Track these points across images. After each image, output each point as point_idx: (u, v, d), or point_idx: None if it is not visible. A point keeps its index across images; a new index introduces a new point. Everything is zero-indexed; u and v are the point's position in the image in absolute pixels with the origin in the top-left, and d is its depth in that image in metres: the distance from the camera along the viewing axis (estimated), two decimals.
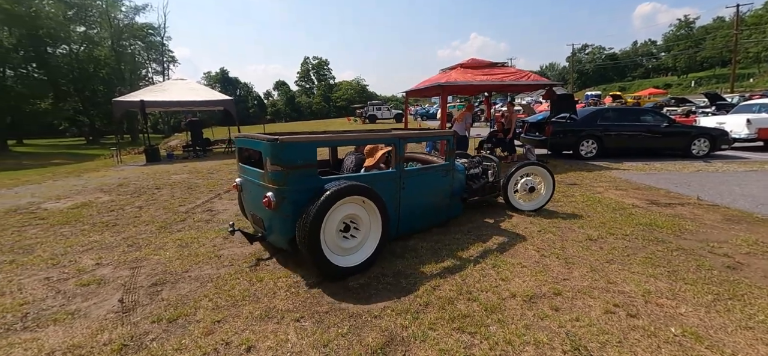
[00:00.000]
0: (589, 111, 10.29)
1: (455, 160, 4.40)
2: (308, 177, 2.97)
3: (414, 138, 4.16)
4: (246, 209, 3.85)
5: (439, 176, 4.06)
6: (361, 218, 3.14)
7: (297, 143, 2.91)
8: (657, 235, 3.99)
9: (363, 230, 3.17)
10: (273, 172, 2.93)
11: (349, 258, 3.08)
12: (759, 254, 3.42)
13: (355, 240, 3.14)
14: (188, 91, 12.86)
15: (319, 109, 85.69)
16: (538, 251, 3.56)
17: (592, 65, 79.14)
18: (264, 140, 2.99)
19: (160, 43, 53.21)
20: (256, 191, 3.26)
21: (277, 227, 3.11)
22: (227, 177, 8.23)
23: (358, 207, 3.10)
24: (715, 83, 48.61)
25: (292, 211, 2.90)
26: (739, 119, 10.39)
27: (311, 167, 2.99)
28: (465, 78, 8.40)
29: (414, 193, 3.72)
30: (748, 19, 51.72)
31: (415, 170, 3.90)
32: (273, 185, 2.94)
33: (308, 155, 2.98)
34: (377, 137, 4.07)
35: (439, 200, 4.14)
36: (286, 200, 2.91)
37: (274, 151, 2.87)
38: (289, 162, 2.87)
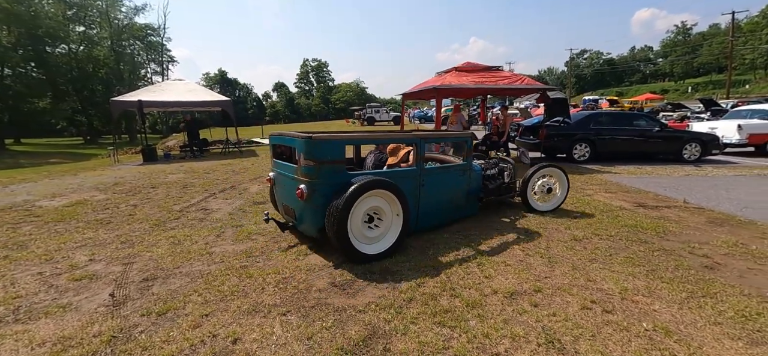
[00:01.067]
0: (582, 115, 10.41)
1: (472, 160, 4.60)
2: (337, 172, 3.26)
3: (433, 139, 4.48)
4: (277, 201, 4.14)
5: (456, 176, 4.30)
6: (384, 211, 3.42)
7: (328, 141, 3.22)
8: (641, 236, 4.08)
9: (386, 221, 3.45)
10: (306, 166, 3.22)
11: (373, 246, 3.36)
12: (737, 255, 3.51)
13: (379, 230, 3.43)
14: (186, 91, 12.94)
15: (318, 110, 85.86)
16: (523, 250, 3.64)
17: (590, 70, 79.61)
18: (298, 137, 3.29)
19: (160, 44, 53.36)
20: (288, 183, 3.56)
21: (308, 217, 3.40)
22: (223, 177, 8.30)
23: (381, 200, 3.37)
24: (711, 89, 48.99)
25: (322, 202, 3.19)
26: (730, 124, 10.52)
27: (340, 163, 3.30)
28: (460, 81, 8.50)
29: (433, 190, 3.96)
30: (744, 26, 52.20)
31: (434, 168, 4.15)
32: (305, 179, 3.23)
33: (338, 152, 3.28)
34: (400, 138, 4.30)
35: (456, 198, 4.36)
36: (317, 192, 3.21)
37: (308, 147, 3.17)
38: (320, 158, 3.17)
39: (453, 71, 9.15)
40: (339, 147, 3.31)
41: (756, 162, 9.22)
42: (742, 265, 3.29)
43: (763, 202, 5.38)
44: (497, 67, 9.42)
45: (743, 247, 3.69)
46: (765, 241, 3.87)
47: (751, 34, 51.42)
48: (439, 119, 8.59)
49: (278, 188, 3.97)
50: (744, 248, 3.65)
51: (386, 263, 3.32)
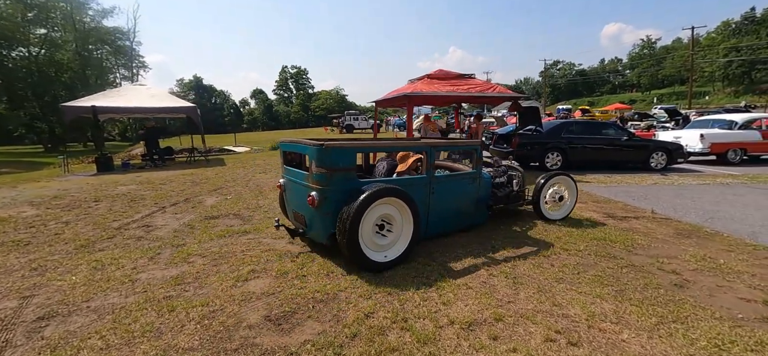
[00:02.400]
0: (554, 124, 10.45)
1: (482, 169, 4.59)
2: (348, 179, 3.29)
3: (443, 147, 4.57)
4: (287, 208, 4.16)
5: (466, 184, 4.31)
6: (394, 219, 3.41)
7: (340, 149, 3.28)
8: (610, 250, 3.90)
9: (396, 229, 3.44)
10: (317, 173, 3.23)
11: (384, 254, 3.35)
12: (706, 270, 3.37)
13: (389, 238, 3.41)
14: (147, 97, 12.19)
15: (297, 118, 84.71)
16: (487, 269, 3.36)
17: (563, 80, 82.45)
18: (310, 145, 3.32)
19: (130, 48, 51.32)
20: (299, 190, 3.59)
21: (319, 224, 3.40)
22: (179, 189, 7.71)
23: (392, 208, 3.37)
24: (675, 99, 51.54)
25: (333, 209, 3.21)
26: (693, 133, 10.83)
27: (351, 170, 3.35)
28: (431, 89, 8.31)
29: (442, 198, 3.97)
30: (703, 41, 55.49)
31: (443, 176, 4.18)
32: (317, 186, 3.23)
33: (349, 159, 3.35)
34: (410, 146, 4.32)
35: (465, 206, 4.36)
36: (328, 199, 3.21)
37: (320, 155, 3.19)
38: (332, 165, 3.19)
39: (425, 78, 8.95)
40: (350, 154, 3.39)
41: (718, 170, 9.47)
42: (712, 282, 3.13)
43: (726, 212, 5.38)
44: (470, 75, 9.31)
45: (711, 261, 3.56)
46: (732, 254, 3.77)
47: (709, 49, 54.71)
48: (410, 128, 8.35)
49: (288, 194, 4.00)
50: (712, 263, 3.52)
51: (339, 283, 2.97)
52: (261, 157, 14.98)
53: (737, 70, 50.98)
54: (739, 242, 4.12)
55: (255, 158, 14.33)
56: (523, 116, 9.80)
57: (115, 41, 44.77)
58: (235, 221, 5.18)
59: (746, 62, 49.32)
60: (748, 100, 40.24)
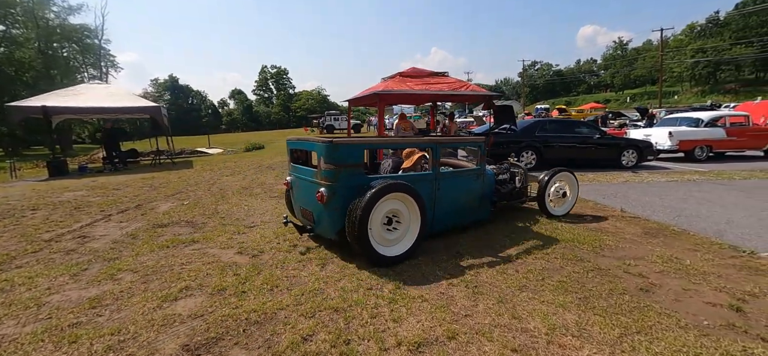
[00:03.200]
0: (528, 123, 10.43)
1: (485, 165, 4.64)
2: (357, 175, 3.34)
3: (448, 144, 4.64)
4: (295, 205, 4.17)
5: (470, 180, 4.37)
6: (402, 214, 3.46)
7: (349, 145, 3.35)
8: (577, 252, 3.74)
9: (404, 224, 3.49)
10: (326, 170, 3.27)
11: (392, 249, 3.39)
12: (672, 272, 3.24)
13: (397, 233, 3.46)
14: (106, 96, 11.44)
15: (278, 118, 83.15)
16: (447, 278, 3.12)
17: (542, 81, 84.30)
18: (319, 142, 3.38)
19: (98, 47, 49.07)
20: (307, 187, 3.64)
21: (327, 220, 3.43)
22: (134, 194, 7.18)
23: (400, 203, 3.41)
24: (646, 99, 53.44)
25: (341, 205, 3.24)
26: (662, 131, 11.04)
27: (359, 167, 3.42)
28: (403, 87, 8.08)
29: (448, 194, 4.01)
30: (671, 43, 57.79)
31: (448, 172, 4.22)
32: (326, 182, 3.28)
33: (357, 156, 3.42)
34: (415, 142, 4.32)
35: (469, 202, 4.40)
36: (336, 195, 3.25)
37: (328, 151, 3.23)
38: (340, 161, 3.23)
39: (397, 77, 8.72)
40: (358, 151, 3.48)
41: (686, 167, 9.64)
42: (678, 285, 2.99)
43: (693, 209, 5.36)
44: (443, 73, 9.14)
45: (677, 263, 3.45)
46: (697, 253, 3.67)
47: (677, 51, 57.03)
48: (381, 126, 8.09)
49: (295, 191, 4.06)
50: (678, 264, 3.40)
51: (281, 300, 2.66)
52: (233, 159, 14.40)
53: (703, 71, 53.30)
54: (704, 240, 4.04)
55: (226, 161, 13.75)
56: (498, 115, 9.75)
57: (82, 39, 42.64)
58: (185, 229, 4.76)
59: (711, 63, 51.66)
60: (713, 99, 42.08)
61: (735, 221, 4.72)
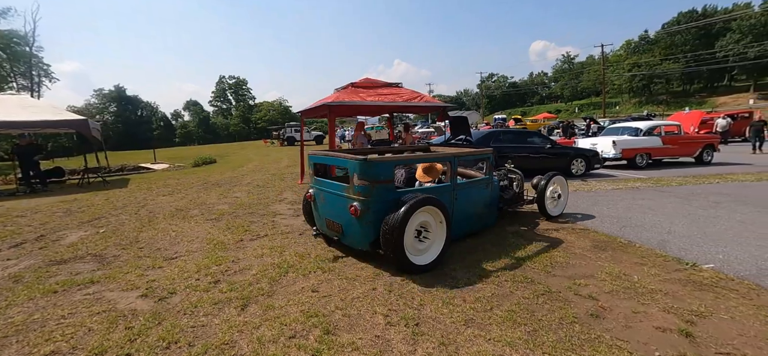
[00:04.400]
0: (483, 133, 10.49)
1: (493, 174, 4.97)
2: (388, 190, 3.57)
3: (464, 156, 4.83)
4: (320, 216, 4.23)
5: (482, 189, 4.66)
6: (431, 225, 3.67)
7: (381, 162, 3.59)
8: (528, 273, 3.53)
9: (432, 235, 3.68)
10: (360, 185, 3.44)
11: (422, 258, 3.58)
12: (621, 292, 3.10)
13: (427, 243, 3.67)
14: (18, 108, 10.00)
15: (237, 130, 79.81)
16: (386, 315, 2.75)
17: (499, 92, 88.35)
18: (352, 159, 3.56)
19: (29, 54, 44.58)
20: (336, 200, 3.81)
21: (359, 232, 3.59)
22: (43, 220, 6.15)
23: (429, 215, 3.62)
24: (592, 109, 57.60)
25: (374, 218, 3.45)
26: (607, 140, 11.59)
27: (390, 182, 3.65)
28: (355, 98, 7.74)
29: (464, 203, 4.25)
30: (611, 58, 63.03)
31: (464, 183, 4.47)
32: (359, 197, 3.46)
33: (388, 172, 3.65)
34: (436, 157, 4.65)
35: (481, 210, 4.70)
36: (370, 209, 3.44)
37: (363, 168, 3.41)
38: (374, 177, 3.44)
39: (349, 87, 8.38)
40: (389, 168, 3.70)
41: (629, 174, 10.12)
42: (627, 307, 2.83)
43: (637, 218, 5.45)
44: (397, 84, 8.93)
45: (626, 279, 3.33)
46: (644, 268, 3.60)
47: (617, 65, 62.30)
48: (332, 139, 7.68)
49: (320, 204, 4.18)
50: (627, 282, 3.29)
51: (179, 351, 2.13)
52: (176, 175, 13.24)
53: (639, 84, 58.54)
54: (650, 253, 4.02)
55: (169, 177, 12.60)
56: (453, 126, 9.71)
57: (10, 46, 38.50)
58: (88, 265, 4.02)
59: (646, 77, 56.86)
60: (649, 109, 46.15)
61: (675, 230, 4.81)
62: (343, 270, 3.63)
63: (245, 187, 9.64)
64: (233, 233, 5.11)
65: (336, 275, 3.50)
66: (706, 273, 3.45)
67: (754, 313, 2.72)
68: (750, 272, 3.42)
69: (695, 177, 9.00)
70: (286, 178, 11.11)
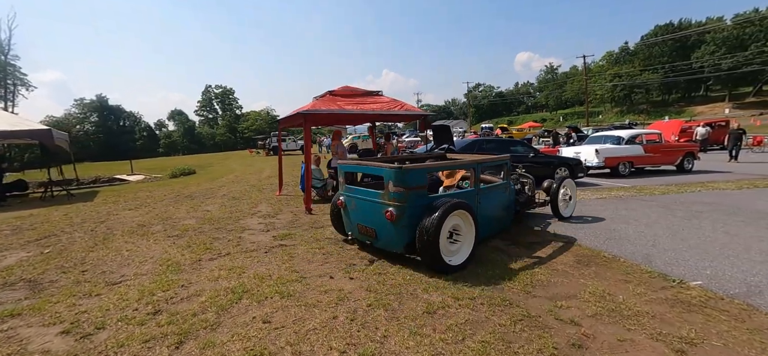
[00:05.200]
0: (466, 142, 10.32)
1: (510, 179, 5.24)
2: (421, 196, 3.78)
3: (487, 163, 5.02)
4: (351, 222, 4.41)
5: (501, 193, 4.92)
6: (461, 228, 3.87)
7: (416, 170, 3.87)
8: (507, 294, 3.24)
9: (463, 237, 3.88)
10: (395, 192, 3.66)
11: (454, 258, 3.76)
12: (605, 315, 2.83)
13: (458, 245, 3.86)
14: None
15: (223, 140, 78.46)
16: (342, 351, 2.40)
17: (486, 101, 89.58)
18: (387, 167, 3.77)
19: (4, 63, 43.26)
20: (369, 206, 4.00)
21: (394, 236, 3.80)
22: None
23: (460, 219, 3.83)
24: (576, 119, 58.75)
25: (408, 222, 3.67)
26: (590, 149, 11.56)
27: (424, 188, 3.88)
28: (331, 106, 7.44)
29: (486, 207, 4.45)
30: (593, 69, 64.69)
31: (486, 188, 4.68)
32: (395, 202, 3.67)
33: (422, 179, 3.89)
34: (463, 164, 4.89)
35: (500, 213, 4.93)
36: (405, 214, 3.66)
37: (398, 175, 3.64)
38: (409, 184, 3.65)
39: (327, 95, 8.08)
40: (423, 175, 4.00)
41: (612, 183, 10.05)
42: (612, 334, 2.56)
43: (621, 230, 5.26)
44: (377, 92, 8.68)
45: (611, 300, 3.07)
46: (629, 286, 3.36)
47: (599, 75, 63.93)
48: (308, 149, 7.34)
49: (350, 210, 4.37)
50: (612, 303, 3.03)
51: None
52: (149, 187, 12.64)
53: (620, 93, 60.12)
54: (635, 268, 3.79)
55: (140, 189, 12.00)
56: (437, 135, 9.52)
57: None
58: (18, 293, 3.56)
59: (627, 86, 58.43)
60: (631, 118, 47.28)
61: (660, 242, 4.61)
62: (304, 295, 3.27)
63: (219, 199, 9.18)
64: (192, 251, 4.70)
65: (294, 301, 3.14)
66: (694, 291, 3.23)
67: (748, 338, 2.48)
68: (740, 290, 3.21)
69: (677, 185, 8.96)
70: (265, 189, 10.69)
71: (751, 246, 4.32)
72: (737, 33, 48.76)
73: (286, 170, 14.21)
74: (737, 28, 49.42)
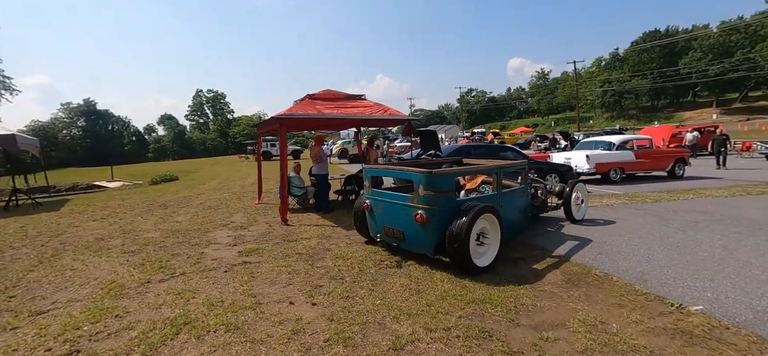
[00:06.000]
0: (453, 147, 10.00)
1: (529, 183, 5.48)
2: (450, 200, 4.02)
3: (509, 168, 5.16)
4: (377, 224, 4.57)
5: (520, 196, 5.07)
6: (488, 230, 4.07)
7: (445, 175, 4.09)
8: (487, 322, 2.86)
9: (490, 239, 4.07)
10: (425, 195, 3.84)
11: (481, 260, 3.92)
12: (597, 351, 2.46)
13: (485, 247, 4.04)
14: None
15: (214, 145, 77.39)
16: None
17: (478, 106, 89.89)
18: (417, 172, 3.95)
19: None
20: (398, 209, 4.19)
21: (424, 238, 3.96)
22: None
23: (487, 222, 4.02)
24: (567, 123, 59.08)
25: (438, 225, 3.84)
26: (581, 155, 11.29)
27: (452, 192, 4.17)
28: (310, 111, 7.04)
29: (507, 210, 4.51)
30: (583, 75, 65.29)
31: (508, 191, 4.77)
32: (425, 206, 3.83)
33: (451, 183, 4.18)
34: (485, 169, 5.24)
35: (519, 215, 5.05)
36: (435, 217, 3.83)
37: (429, 180, 3.82)
38: (439, 188, 3.86)
39: (306, 99, 7.69)
40: (451, 179, 4.25)
41: (603, 190, 9.77)
42: None
43: (614, 243, 4.92)
44: (359, 96, 8.31)
45: (603, 330, 2.70)
46: (623, 311, 3.00)
47: (589, 81, 64.51)
48: (284, 157, 6.91)
49: (377, 213, 4.50)
50: (604, 334, 2.65)
51: None
52: (124, 195, 12.07)
53: (610, 99, 60.70)
54: (629, 289, 3.43)
55: (113, 198, 11.43)
56: (424, 141, 9.18)
57: None
58: None
59: (616, 92, 59.00)
60: (621, 123, 47.63)
61: (655, 257, 4.27)
62: (254, 327, 2.84)
63: (194, 208, 8.69)
64: (144, 271, 4.23)
65: (240, 336, 2.70)
66: (696, 317, 2.87)
67: None
68: (746, 316, 2.86)
69: (669, 193, 8.71)
70: (245, 197, 10.21)
71: (751, 262, 4.00)
72: (723, 40, 49.58)
73: (273, 176, 13.77)
74: (723, 35, 50.26)
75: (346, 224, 6.42)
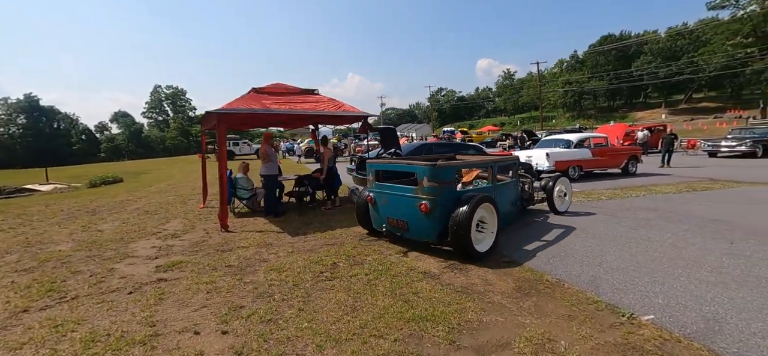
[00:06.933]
0: (413, 146, 9.71)
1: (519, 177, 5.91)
2: (451, 191, 4.33)
3: (502, 163, 5.64)
4: (380, 216, 4.81)
5: (512, 189, 5.47)
6: (487, 219, 4.34)
7: (448, 167, 4.40)
8: (425, 346, 2.48)
9: (488, 227, 4.35)
10: (429, 187, 4.11)
11: (480, 246, 4.17)
12: None
13: (484, 234, 4.31)
14: None
15: (175, 144, 73.10)
16: None
17: (448, 106, 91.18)
18: (421, 164, 4.26)
19: None
20: (401, 201, 4.46)
21: (428, 226, 4.22)
22: None
23: (485, 211, 4.29)
24: (532, 123, 61.17)
25: (440, 214, 4.11)
26: (541, 153, 11.37)
27: (453, 183, 4.55)
28: (254, 105, 6.41)
29: (501, 201, 4.71)
30: (547, 75, 67.86)
31: (501, 184, 5.19)
32: (429, 196, 4.10)
33: (452, 175, 4.50)
34: (483, 162, 5.58)
35: (511, 207, 5.41)
36: (438, 206, 4.10)
37: (433, 172, 4.10)
38: (442, 179, 4.16)
39: (251, 93, 7.06)
40: (453, 171, 4.60)
41: None
42: None
43: (567, 244, 4.75)
44: (312, 91, 7.77)
45: (550, 349, 2.40)
46: (573, 325, 2.72)
47: (552, 81, 67.15)
48: (223, 153, 6.24)
49: (381, 206, 4.77)
50: (551, 354, 2.34)
51: None
52: (50, 200, 10.75)
53: (571, 99, 63.46)
54: (580, 297, 3.18)
55: (36, 203, 10.13)
56: (384, 139, 8.81)
57: None
58: None
59: (576, 93, 61.80)
60: (581, 122, 49.86)
61: (607, 260, 4.10)
62: None
63: (127, 214, 7.79)
64: (26, 295, 3.50)
65: None
66: (647, 329, 2.64)
67: None
68: (697, 326, 2.66)
69: (622, 190, 8.86)
70: (191, 201, 9.37)
71: (700, 261, 3.92)
72: (670, 45, 53.16)
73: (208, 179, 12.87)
74: (670, 40, 53.88)
75: (294, 229, 5.89)
